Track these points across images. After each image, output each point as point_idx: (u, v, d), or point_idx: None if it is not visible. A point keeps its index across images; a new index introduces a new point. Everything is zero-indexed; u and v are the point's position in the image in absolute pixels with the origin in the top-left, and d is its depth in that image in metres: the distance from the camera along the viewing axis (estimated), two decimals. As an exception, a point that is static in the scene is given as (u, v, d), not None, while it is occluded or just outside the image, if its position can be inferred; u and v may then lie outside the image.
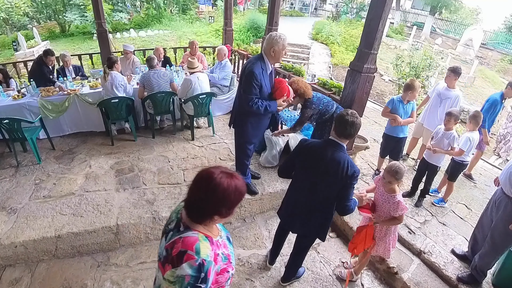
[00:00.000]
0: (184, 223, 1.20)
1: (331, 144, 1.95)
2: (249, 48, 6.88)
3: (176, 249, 1.12)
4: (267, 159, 3.86)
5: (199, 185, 1.15)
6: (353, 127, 1.88)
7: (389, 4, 3.01)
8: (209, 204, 1.14)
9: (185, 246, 1.11)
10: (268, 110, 2.79)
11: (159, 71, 4.41)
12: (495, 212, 2.45)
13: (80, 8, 14.80)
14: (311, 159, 2.03)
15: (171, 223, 1.25)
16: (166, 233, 1.24)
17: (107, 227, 2.90)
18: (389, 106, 3.64)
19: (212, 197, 1.13)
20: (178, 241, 1.14)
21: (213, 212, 1.16)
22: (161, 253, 1.20)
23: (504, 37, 19.55)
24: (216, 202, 1.14)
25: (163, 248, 1.19)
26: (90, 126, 4.59)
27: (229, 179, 1.15)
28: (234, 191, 1.15)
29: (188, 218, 1.19)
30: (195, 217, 1.18)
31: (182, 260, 1.08)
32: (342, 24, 17.84)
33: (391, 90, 11.27)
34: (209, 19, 16.40)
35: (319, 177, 2.00)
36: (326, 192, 2.02)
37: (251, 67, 2.66)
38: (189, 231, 1.17)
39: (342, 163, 1.89)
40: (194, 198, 1.16)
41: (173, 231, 1.20)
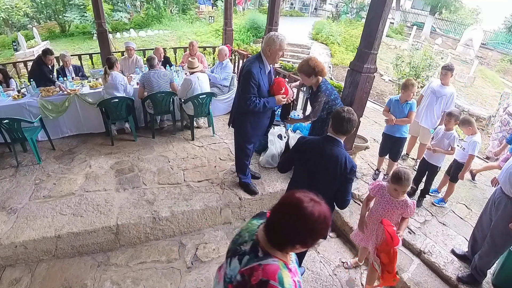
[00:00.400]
0: (263, 247, 1.12)
1: (329, 141, 1.99)
2: (249, 48, 6.89)
3: (256, 277, 1.05)
4: (267, 160, 3.86)
5: (288, 213, 1.07)
6: (349, 123, 1.92)
7: (389, 4, 3.01)
8: (296, 233, 1.06)
9: (267, 275, 1.05)
10: (266, 106, 2.79)
11: (159, 71, 4.41)
12: (495, 212, 2.45)
13: (80, 8, 14.79)
14: (310, 156, 2.06)
15: (244, 244, 1.18)
16: (239, 255, 1.16)
17: (107, 227, 2.90)
18: (387, 105, 3.66)
19: (301, 227, 1.05)
20: (257, 268, 1.07)
21: (298, 241, 1.08)
22: (233, 276, 1.14)
23: (504, 37, 19.55)
24: (304, 232, 1.06)
25: (235, 272, 1.13)
26: (90, 128, 4.56)
27: (319, 207, 1.07)
28: (323, 221, 1.07)
29: (268, 244, 1.11)
30: (277, 244, 1.11)
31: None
32: (342, 24, 17.83)
33: (391, 90, 11.27)
34: (209, 19, 16.40)
35: (319, 173, 2.02)
36: (326, 188, 2.03)
37: (249, 66, 2.67)
38: (269, 257, 1.10)
39: (340, 159, 1.93)
40: (280, 225, 1.07)
41: (250, 255, 1.12)
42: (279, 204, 1.10)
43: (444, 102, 3.93)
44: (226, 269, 1.21)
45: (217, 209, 3.27)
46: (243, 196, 3.38)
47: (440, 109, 4.01)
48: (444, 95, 3.90)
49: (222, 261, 1.40)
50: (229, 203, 3.31)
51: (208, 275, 2.73)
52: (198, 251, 2.99)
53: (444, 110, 4.04)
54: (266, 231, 1.11)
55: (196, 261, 2.88)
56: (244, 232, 1.24)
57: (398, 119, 3.51)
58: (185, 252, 2.97)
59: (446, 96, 3.91)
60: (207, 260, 2.90)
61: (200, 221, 3.23)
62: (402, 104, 3.49)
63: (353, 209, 3.42)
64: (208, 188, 3.47)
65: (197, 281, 2.68)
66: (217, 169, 3.84)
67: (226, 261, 1.23)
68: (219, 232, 3.24)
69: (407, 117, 3.49)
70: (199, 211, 3.18)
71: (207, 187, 3.49)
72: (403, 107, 3.49)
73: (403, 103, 3.48)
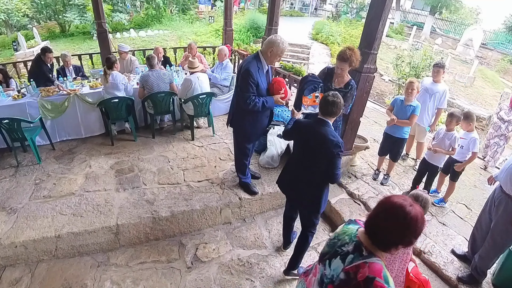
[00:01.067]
0: (367, 248, 1.19)
1: (319, 122, 2.26)
2: (249, 48, 6.88)
3: (363, 274, 1.12)
4: (267, 160, 3.86)
5: (393, 218, 1.13)
6: (334, 105, 2.16)
7: (389, 4, 3.01)
8: (402, 236, 1.13)
9: (373, 272, 1.12)
10: (265, 106, 2.80)
11: (158, 71, 4.40)
12: (495, 212, 2.44)
13: (80, 8, 14.80)
14: (304, 135, 2.35)
15: (346, 245, 1.24)
16: (341, 255, 1.22)
17: (107, 227, 2.90)
18: (392, 104, 3.68)
19: (406, 230, 1.12)
20: (363, 265, 1.14)
21: (401, 243, 1.15)
22: (334, 276, 1.20)
23: (504, 37, 19.54)
24: (409, 234, 1.13)
25: (338, 271, 1.19)
26: (88, 132, 4.48)
27: (418, 209, 1.14)
28: (422, 221, 1.13)
29: (373, 245, 1.19)
30: (381, 246, 1.18)
31: (371, 287, 1.10)
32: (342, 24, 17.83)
33: (391, 90, 11.27)
34: (209, 19, 16.39)
35: (311, 149, 2.30)
36: (317, 162, 2.28)
37: (247, 65, 2.69)
38: (373, 257, 1.16)
39: (327, 136, 2.17)
40: (386, 230, 1.14)
41: (354, 254, 1.19)
42: (382, 209, 1.17)
43: (437, 99, 3.97)
44: (322, 271, 1.28)
45: (217, 209, 3.27)
46: (243, 196, 3.38)
47: (433, 106, 4.05)
48: (437, 92, 3.93)
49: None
50: (229, 203, 3.31)
51: (208, 275, 2.73)
52: (198, 251, 2.99)
53: (437, 107, 4.08)
54: (369, 234, 1.19)
55: (196, 261, 2.88)
56: (343, 236, 1.31)
57: (399, 120, 3.51)
58: (185, 252, 2.97)
59: (438, 93, 3.94)
60: (207, 260, 2.90)
61: (200, 221, 3.23)
62: (406, 106, 3.49)
63: (353, 209, 3.42)
64: (208, 188, 3.47)
65: (197, 281, 2.68)
66: (217, 169, 3.84)
67: (323, 264, 1.30)
68: (219, 232, 3.24)
69: (409, 120, 3.49)
70: (199, 211, 3.18)
71: (207, 187, 3.49)
72: (407, 109, 3.48)
73: (407, 105, 3.48)
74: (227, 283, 2.68)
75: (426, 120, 4.06)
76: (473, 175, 4.46)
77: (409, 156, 4.62)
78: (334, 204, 3.48)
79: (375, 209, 1.19)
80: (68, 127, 4.37)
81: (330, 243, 1.35)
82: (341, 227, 1.39)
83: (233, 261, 2.90)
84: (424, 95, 4.01)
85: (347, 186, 3.75)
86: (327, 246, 1.35)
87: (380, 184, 3.84)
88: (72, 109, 4.28)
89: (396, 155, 3.78)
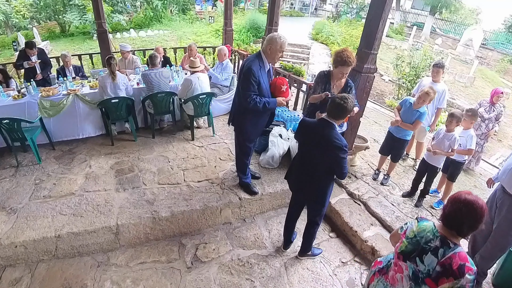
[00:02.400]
0: (451, 240, 1.42)
1: (324, 123, 2.27)
2: (249, 48, 6.88)
3: (456, 263, 1.34)
4: (268, 161, 3.86)
5: (473, 212, 1.37)
6: (341, 110, 2.17)
7: (389, 4, 3.01)
8: (478, 225, 1.39)
9: (463, 260, 1.34)
10: (267, 107, 2.81)
11: (160, 70, 4.41)
12: (498, 213, 2.41)
13: (80, 9, 14.80)
14: (309, 135, 2.39)
15: (432, 241, 1.44)
16: (431, 251, 1.42)
17: (107, 227, 2.90)
18: (400, 104, 3.68)
19: (481, 218, 1.38)
20: (454, 256, 1.36)
21: (476, 229, 1.41)
22: (430, 270, 1.40)
23: (504, 37, 19.55)
24: (482, 221, 1.39)
25: (434, 265, 1.39)
26: (86, 133, 4.46)
27: (483, 202, 1.40)
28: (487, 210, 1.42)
29: (454, 236, 1.42)
30: (463, 235, 1.43)
31: (464, 272, 1.31)
32: (342, 24, 17.82)
33: (391, 90, 11.28)
34: (209, 19, 16.39)
35: (316, 150, 2.33)
36: (324, 162, 2.34)
37: (249, 64, 2.72)
38: (458, 247, 1.40)
39: (332, 139, 2.20)
40: (468, 222, 1.39)
41: (443, 248, 1.40)
42: (463, 206, 1.38)
43: (437, 99, 3.98)
44: (414, 268, 1.46)
45: (217, 209, 3.27)
46: (243, 196, 3.38)
47: (433, 106, 4.07)
48: (437, 91, 3.92)
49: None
50: (229, 203, 3.31)
51: (208, 275, 2.74)
52: (198, 251, 2.99)
53: (437, 106, 4.08)
54: (452, 227, 1.42)
55: (196, 261, 2.88)
56: (423, 233, 1.50)
57: (403, 122, 3.51)
58: (185, 252, 2.97)
59: (438, 92, 3.95)
60: (207, 260, 2.90)
61: (200, 221, 3.23)
62: (413, 110, 3.48)
63: (353, 209, 3.42)
64: (208, 188, 3.47)
65: (197, 281, 2.68)
66: (217, 169, 3.84)
67: (412, 261, 1.47)
68: (219, 232, 3.24)
69: (413, 125, 3.48)
70: (199, 211, 3.18)
71: (207, 187, 3.49)
72: (413, 113, 3.47)
73: (415, 109, 3.46)
74: (227, 283, 2.68)
75: (426, 120, 4.06)
76: (473, 176, 4.45)
77: (409, 156, 4.62)
78: (334, 204, 3.48)
79: (452, 206, 1.41)
80: (67, 128, 4.35)
81: (412, 241, 1.51)
82: (414, 226, 1.56)
83: (233, 261, 2.90)
84: None
85: (347, 186, 3.75)
86: (409, 245, 1.51)
87: (380, 184, 3.84)
88: (71, 110, 4.26)
89: (396, 156, 3.78)
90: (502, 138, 9.60)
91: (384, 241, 3.04)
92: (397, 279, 1.56)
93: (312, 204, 2.68)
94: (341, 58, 2.77)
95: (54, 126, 4.25)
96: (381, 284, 1.66)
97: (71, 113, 4.28)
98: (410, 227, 1.59)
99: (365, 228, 3.19)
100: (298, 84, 5.14)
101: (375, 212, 3.36)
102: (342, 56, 2.76)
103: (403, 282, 1.52)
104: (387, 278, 1.64)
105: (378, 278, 1.70)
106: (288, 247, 3.04)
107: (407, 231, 1.59)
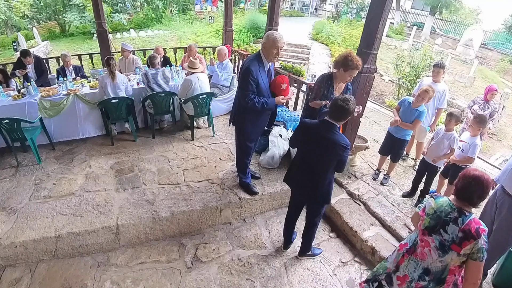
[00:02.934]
0: (466, 210, 1.67)
1: (326, 125, 2.28)
2: (249, 48, 6.88)
3: (473, 227, 1.60)
4: (268, 161, 3.85)
5: (480, 184, 1.64)
6: (343, 112, 2.19)
7: (389, 4, 3.01)
8: (485, 195, 1.69)
9: (478, 223, 1.61)
10: (265, 107, 2.82)
11: (160, 70, 4.41)
12: (498, 214, 2.42)
13: (80, 9, 14.80)
14: (310, 137, 2.37)
15: (451, 214, 1.68)
16: (452, 221, 1.66)
17: (107, 227, 2.90)
18: (399, 104, 3.67)
19: (487, 190, 1.66)
20: (471, 222, 1.62)
21: (484, 199, 1.71)
22: (454, 237, 1.63)
23: (504, 37, 19.54)
24: (487, 194, 1.70)
25: (456, 232, 1.63)
26: (86, 133, 4.46)
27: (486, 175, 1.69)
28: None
29: (470, 207, 1.68)
30: (474, 205, 1.69)
31: (480, 234, 1.58)
32: (342, 24, 17.84)
33: (391, 90, 11.28)
34: (209, 19, 16.40)
35: (317, 150, 2.34)
36: (325, 162, 2.36)
37: (248, 63, 2.74)
38: (472, 214, 1.66)
39: (336, 141, 2.23)
40: (476, 193, 1.65)
41: (461, 217, 1.65)
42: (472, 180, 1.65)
43: (437, 99, 3.99)
44: (440, 238, 1.68)
45: (217, 209, 3.27)
46: (243, 196, 3.38)
47: (434, 106, 4.07)
48: (437, 92, 3.92)
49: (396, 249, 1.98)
50: (229, 203, 3.31)
51: (208, 275, 2.74)
52: (198, 251, 2.99)
53: (437, 107, 4.08)
54: (465, 199, 1.68)
55: (196, 261, 2.88)
56: (442, 208, 1.73)
57: (402, 122, 3.51)
58: (185, 252, 2.97)
59: (439, 93, 3.95)
60: (207, 260, 2.90)
61: (200, 221, 3.23)
62: (412, 109, 3.47)
63: (353, 209, 3.42)
64: (208, 188, 3.47)
65: (197, 281, 2.68)
66: (217, 169, 3.84)
67: (437, 234, 1.69)
68: (219, 232, 3.24)
69: (412, 124, 3.47)
70: (199, 211, 3.18)
71: (207, 187, 3.49)
72: (413, 112, 3.46)
73: (414, 108, 3.45)
74: (227, 283, 2.68)
75: (426, 120, 4.06)
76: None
77: (409, 156, 4.62)
78: (334, 204, 3.48)
79: (463, 181, 1.67)
80: (67, 128, 4.34)
81: (433, 217, 1.73)
82: (433, 204, 1.77)
83: (233, 261, 2.90)
84: None
85: (347, 186, 3.75)
86: (432, 220, 1.73)
87: (380, 184, 3.84)
88: (71, 110, 4.26)
89: (396, 156, 3.77)
90: (502, 138, 9.61)
91: (384, 241, 3.04)
92: (425, 253, 1.75)
93: (312, 204, 2.68)
94: (352, 62, 2.80)
95: (55, 126, 4.24)
96: (412, 262, 1.83)
97: (71, 113, 4.27)
98: (428, 205, 1.79)
99: (365, 228, 3.19)
100: (298, 84, 5.14)
101: (375, 212, 3.36)
102: (353, 60, 2.80)
103: (432, 254, 1.72)
104: (416, 255, 1.81)
105: (408, 258, 1.86)
106: (288, 247, 3.04)
107: (426, 209, 1.79)
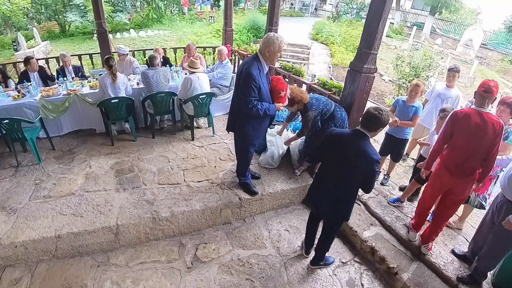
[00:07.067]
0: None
1: (359, 135, 2.20)
2: (249, 48, 6.87)
3: None
4: (267, 161, 3.85)
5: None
6: (376, 122, 2.13)
7: (389, 5, 3.01)
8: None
9: None
10: (267, 113, 2.79)
11: (159, 70, 4.40)
12: (497, 216, 2.45)
13: (80, 9, 14.81)
14: (340, 147, 2.26)
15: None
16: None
17: (107, 227, 2.90)
18: (393, 105, 3.66)
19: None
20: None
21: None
22: None
23: (504, 37, 19.54)
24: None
25: None
26: (91, 124, 4.57)
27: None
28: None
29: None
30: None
31: None
32: (342, 24, 17.85)
33: (391, 90, 11.27)
34: (209, 19, 16.41)
35: (346, 165, 2.22)
36: (353, 179, 2.24)
37: (248, 68, 2.62)
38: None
39: (368, 153, 2.13)
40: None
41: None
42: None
43: (450, 104, 3.90)
44: None
45: (217, 209, 3.27)
46: (243, 196, 3.38)
47: None
48: (450, 97, 3.87)
49: None
50: (229, 203, 3.31)
51: (208, 275, 2.74)
52: (198, 251, 2.99)
53: None
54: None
55: (196, 261, 2.88)
56: None
57: (402, 121, 3.49)
58: (185, 252, 2.97)
59: (451, 98, 3.88)
60: (207, 260, 2.90)
61: (200, 221, 3.23)
62: (408, 106, 3.47)
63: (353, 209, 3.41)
64: (208, 188, 3.47)
65: (197, 281, 2.68)
66: (217, 169, 3.84)
67: None
68: (219, 232, 3.24)
69: (412, 121, 3.46)
70: (199, 211, 3.18)
71: (207, 187, 3.49)
72: (409, 110, 3.46)
73: (409, 105, 3.45)
74: (227, 283, 2.68)
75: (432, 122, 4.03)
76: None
77: (409, 156, 4.62)
78: (334, 204, 3.48)
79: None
80: (70, 120, 4.47)
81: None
82: None
83: (233, 261, 2.90)
84: (436, 100, 3.97)
85: (347, 186, 3.75)
86: None
87: (380, 184, 3.84)
88: (73, 106, 4.31)
89: (397, 156, 3.77)
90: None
91: (384, 241, 3.04)
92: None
93: (332, 220, 2.59)
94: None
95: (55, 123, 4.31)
96: None
97: (73, 109, 4.34)
98: None
99: (365, 228, 3.19)
100: (298, 84, 5.13)
101: (375, 212, 3.36)
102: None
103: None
104: None
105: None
106: (310, 250, 2.97)
107: None
